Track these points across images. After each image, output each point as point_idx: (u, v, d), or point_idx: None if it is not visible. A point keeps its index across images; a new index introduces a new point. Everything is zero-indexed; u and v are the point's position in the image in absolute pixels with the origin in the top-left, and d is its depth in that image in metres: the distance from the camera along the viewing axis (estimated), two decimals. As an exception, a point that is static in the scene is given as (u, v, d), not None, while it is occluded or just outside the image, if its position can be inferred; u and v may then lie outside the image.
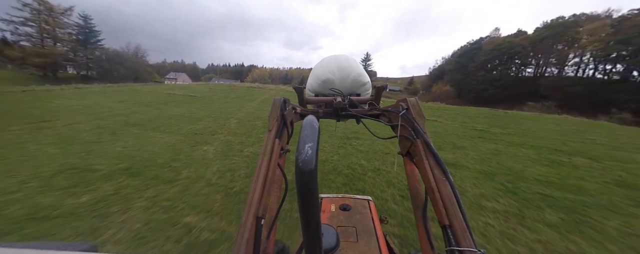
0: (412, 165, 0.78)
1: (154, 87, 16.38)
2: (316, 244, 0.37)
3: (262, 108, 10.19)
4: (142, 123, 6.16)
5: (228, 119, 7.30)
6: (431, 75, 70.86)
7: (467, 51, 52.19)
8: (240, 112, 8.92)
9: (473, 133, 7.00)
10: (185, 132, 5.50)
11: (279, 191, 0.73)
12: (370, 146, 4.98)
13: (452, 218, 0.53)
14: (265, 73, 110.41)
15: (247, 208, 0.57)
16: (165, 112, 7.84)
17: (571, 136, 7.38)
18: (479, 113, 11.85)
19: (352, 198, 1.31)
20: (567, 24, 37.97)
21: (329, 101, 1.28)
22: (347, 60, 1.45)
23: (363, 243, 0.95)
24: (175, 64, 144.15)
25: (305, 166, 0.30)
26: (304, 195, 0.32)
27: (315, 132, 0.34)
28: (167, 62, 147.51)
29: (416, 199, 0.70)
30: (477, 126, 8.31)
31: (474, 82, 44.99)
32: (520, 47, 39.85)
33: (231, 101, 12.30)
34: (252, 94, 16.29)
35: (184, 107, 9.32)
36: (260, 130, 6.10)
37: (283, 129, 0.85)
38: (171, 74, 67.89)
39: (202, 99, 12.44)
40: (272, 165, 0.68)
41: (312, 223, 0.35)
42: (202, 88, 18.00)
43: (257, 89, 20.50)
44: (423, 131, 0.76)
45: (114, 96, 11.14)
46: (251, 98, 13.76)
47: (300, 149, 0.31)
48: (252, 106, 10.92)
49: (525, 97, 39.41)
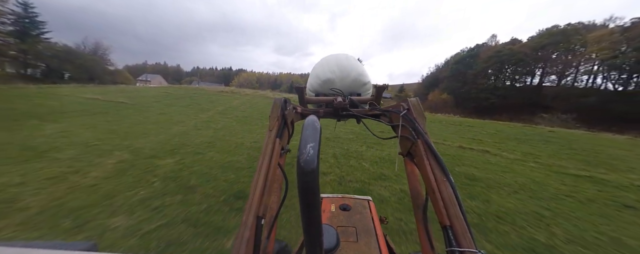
0: (412, 165, 0.78)
1: (74, 90, 12.47)
2: (317, 244, 0.38)
3: (210, 125, 6.72)
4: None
5: (110, 154, 3.83)
6: (425, 82, 69.14)
7: (464, 58, 50.84)
8: (163, 133, 5.46)
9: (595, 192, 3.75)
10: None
11: (280, 191, 0.73)
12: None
13: (453, 219, 0.53)
14: (253, 77, 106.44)
15: (248, 208, 0.57)
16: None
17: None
18: (522, 134, 8.82)
19: (352, 198, 1.34)
20: (567, 31, 37.14)
21: (329, 101, 1.22)
22: (348, 59, 1.39)
23: (363, 243, 0.97)
24: (156, 65, 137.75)
25: (307, 166, 0.31)
26: (305, 195, 0.32)
27: (317, 132, 0.35)
28: (147, 64, 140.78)
29: (416, 199, 0.71)
30: (563, 163, 5.15)
31: (474, 90, 43.14)
32: (522, 54, 38.46)
33: (175, 110, 8.78)
34: (215, 100, 12.77)
35: (71, 122, 5.72)
36: (153, 189, 2.70)
37: (283, 129, 0.83)
38: (144, 76, 62.91)
39: (133, 107, 8.85)
40: (273, 165, 0.68)
41: (313, 222, 0.36)
42: (155, 92, 14.31)
43: (228, 94, 17.03)
44: (424, 131, 0.76)
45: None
46: (209, 107, 10.25)
47: (301, 149, 0.32)
48: (199, 119, 7.43)
49: (527, 107, 37.87)
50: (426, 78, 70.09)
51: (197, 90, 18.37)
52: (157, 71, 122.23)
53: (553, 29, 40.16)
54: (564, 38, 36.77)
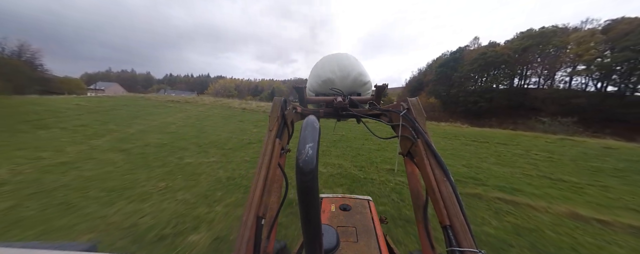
0: (412, 165, 0.78)
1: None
2: (316, 244, 0.38)
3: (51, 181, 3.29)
4: None
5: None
6: (409, 86, 68.59)
7: (448, 61, 50.53)
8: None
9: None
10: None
11: (280, 191, 0.75)
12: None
13: (453, 218, 0.53)
14: (231, 84, 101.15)
15: (248, 208, 0.56)
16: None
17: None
18: (581, 156, 6.31)
19: (352, 198, 1.35)
20: (545, 33, 37.65)
21: (329, 101, 1.24)
22: (348, 59, 1.38)
23: (363, 243, 0.97)
24: (122, 73, 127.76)
25: (306, 166, 0.31)
26: (304, 195, 0.32)
27: (316, 132, 0.34)
28: (112, 71, 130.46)
29: (417, 199, 0.72)
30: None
31: (461, 94, 42.28)
32: (506, 56, 38.27)
33: (44, 136, 5.23)
34: (148, 114, 9.33)
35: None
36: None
37: (283, 129, 0.84)
38: (98, 84, 56.17)
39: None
40: (273, 165, 0.68)
41: (312, 222, 0.36)
42: (64, 104, 10.39)
43: (178, 104, 13.47)
44: (424, 130, 0.75)
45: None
46: (118, 127, 6.80)
47: (300, 149, 0.32)
48: (46, 162, 3.98)
49: (514, 110, 37.46)
50: (410, 82, 69.67)
51: (138, 100, 14.57)
52: (122, 79, 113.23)
53: (531, 32, 40.80)
54: (544, 40, 37.14)
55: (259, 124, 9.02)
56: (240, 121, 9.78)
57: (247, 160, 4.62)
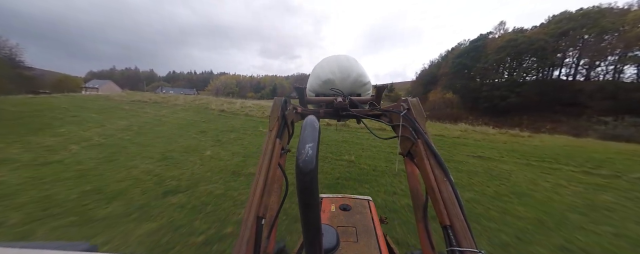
0: (412, 165, 0.79)
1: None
2: (316, 244, 0.38)
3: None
4: None
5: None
6: (420, 80, 62.76)
7: (468, 51, 45.74)
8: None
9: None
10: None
11: (280, 191, 0.75)
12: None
13: (453, 218, 0.54)
14: (232, 81, 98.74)
15: (248, 208, 0.57)
16: None
17: None
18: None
19: (352, 198, 1.37)
20: (590, 14, 32.62)
21: (329, 101, 1.25)
22: (348, 60, 1.42)
23: (363, 243, 0.98)
24: (126, 71, 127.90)
25: (306, 166, 0.31)
26: (304, 195, 0.33)
27: (316, 132, 0.35)
28: (116, 69, 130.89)
29: (417, 199, 0.72)
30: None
31: (485, 88, 37.71)
32: (543, 41, 33.31)
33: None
34: (67, 124, 6.34)
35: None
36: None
37: (284, 129, 0.84)
38: (92, 83, 54.94)
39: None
40: (273, 165, 0.68)
41: (312, 222, 0.36)
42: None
43: (144, 105, 10.65)
44: (424, 131, 0.76)
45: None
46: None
47: (300, 149, 0.32)
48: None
49: (548, 105, 32.94)
50: (421, 76, 64.36)
51: (97, 100, 11.79)
52: (126, 77, 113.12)
53: (569, 13, 35.77)
54: (589, 22, 32.11)
55: (223, 139, 5.98)
56: (201, 132, 6.75)
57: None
